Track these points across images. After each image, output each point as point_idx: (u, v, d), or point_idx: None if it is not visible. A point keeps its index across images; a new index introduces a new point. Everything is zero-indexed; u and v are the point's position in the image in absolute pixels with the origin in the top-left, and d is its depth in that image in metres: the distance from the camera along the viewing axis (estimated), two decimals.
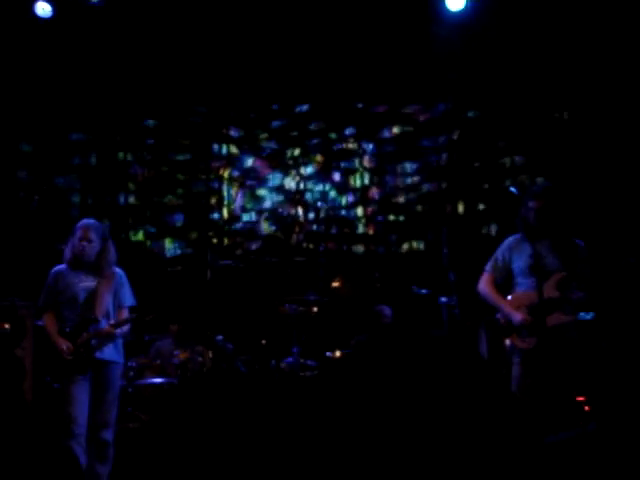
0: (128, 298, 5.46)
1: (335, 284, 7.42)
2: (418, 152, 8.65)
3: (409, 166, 8.68)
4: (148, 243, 8.75)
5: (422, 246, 8.38)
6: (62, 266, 5.39)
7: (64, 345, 5.12)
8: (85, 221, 5.41)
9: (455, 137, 8.43)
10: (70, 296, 5.25)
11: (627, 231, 7.07)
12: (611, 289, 4.97)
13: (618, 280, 4.81)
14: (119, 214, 8.63)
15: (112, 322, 5.28)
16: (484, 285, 5.17)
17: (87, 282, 5.28)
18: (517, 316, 4.87)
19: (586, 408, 5.07)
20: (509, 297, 5.07)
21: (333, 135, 8.80)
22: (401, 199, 8.65)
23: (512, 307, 4.95)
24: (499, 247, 5.20)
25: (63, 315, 5.26)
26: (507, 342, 5.02)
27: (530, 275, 4.91)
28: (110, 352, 5.25)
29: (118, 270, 5.48)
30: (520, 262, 5.01)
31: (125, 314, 5.42)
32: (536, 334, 4.81)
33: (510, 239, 5.15)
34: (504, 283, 5.19)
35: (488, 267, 5.20)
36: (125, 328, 5.37)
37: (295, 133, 8.83)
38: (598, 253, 5.02)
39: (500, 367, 5.35)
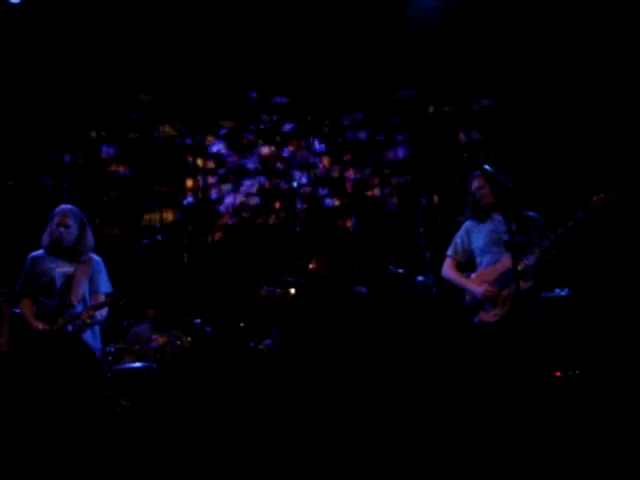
0: (104, 285, 5.48)
1: (312, 265, 7.43)
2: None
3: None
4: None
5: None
6: (39, 251, 5.40)
7: (41, 326, 5.11)
8: (63, 207, 5.42)
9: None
10: (47, 281, 5.26)
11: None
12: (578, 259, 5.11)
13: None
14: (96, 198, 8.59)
15: (89, 306, 5.29)
16: (447, 269, 5.48)
17: (64, 268, 5.30)
18: (479, 289, 5.09)
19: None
20: (472, 276, 5.26)
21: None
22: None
23: (475, 284, 5.10)
24: (457, 232, 5.46)
25: (39, 300, 5.29)
26: (476, 320, 5.15)
27: (487, 252, 5.11)
28: (86, 338, 5.25)
29: (95, 256, 5.51)
30: (479, 241, 5.26)
31: (101, 300, 5.43)
32: (503, 303, 4.96)
33: (466, 224, 5.39)
34: (467, 265, 5.38)
35: (449, 252, 5.51)
36: (103, 313, 5.38)
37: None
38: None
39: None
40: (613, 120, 7.45)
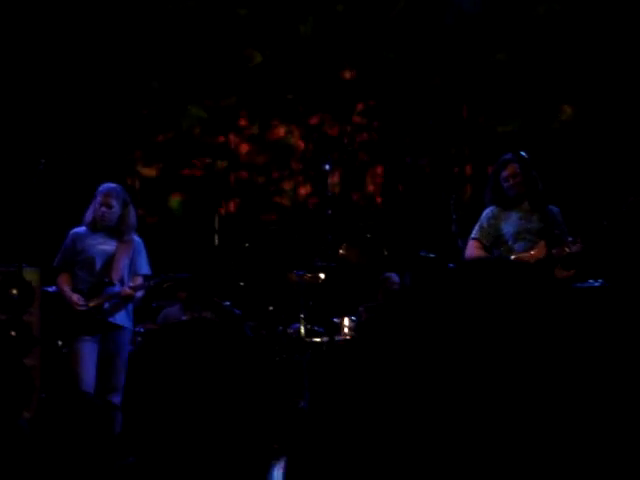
0: (144, 266, 5.47)
1: (342, 251, 7.39)
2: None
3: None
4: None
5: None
6: (81, 228, 5.41)
7: (77, 298, 5.15)
8: (106, 186, 5.41)
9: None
10: (87, 258, 5.27)
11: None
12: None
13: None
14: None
15: (130, 284, 5.29)
16: (475, 250, 5.16)
17: (106, 245, 5.30)
18: None
19: None
20: None
21: None
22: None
23: None
24: (481, 216, 5.21)
25: (78, 276, 5.29)
26: None
27: (520, 239, 4.95)
28: (121, 317, 5.28)
29: (137, 237, 5.51)
30: (509, 227, 5.04)
31: (140, 281, 5.45)
32: None
33: (489, 209, 5.16)
34: (489, 249, 5.18)
35: (474, 234, 5.20)
36: (139, 294, 5.39)
37: None
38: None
39: None
40: None
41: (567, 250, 4.78)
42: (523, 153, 5.04)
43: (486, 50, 8.24)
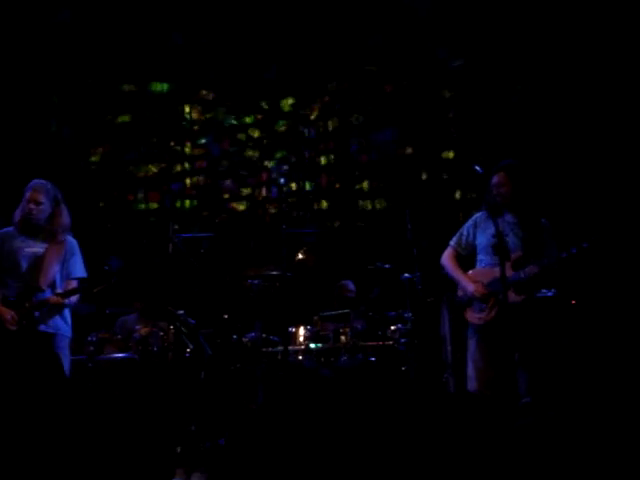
0: (78, 269, 5.14)
1: (300, 255, 7.37)
2: None
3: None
4: None
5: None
6: (9, 228, 5.05)
7: (7, 315, 4.79)
8: (35, 181, 5.06)
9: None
10: (14, 261, 4.93)
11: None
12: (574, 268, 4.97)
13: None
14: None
15: (59, 291, 4.97)
16: (447, 258, 5.25)
17: (34, 248, 4.97)
18: (471, 286, 4.94)
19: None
20: (469, 272, 5.12)
21: None
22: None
23: (469, 280, 5.00)
24: (465, 223, 5.25)
25: (6, 282, 4.93)
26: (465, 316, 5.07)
27: (491, 253, 4.93)
28: (55, 324, 4.98)
29: (70, 238, 5.15)
30: (483, 239, 5.05)
31: (73, 285, 5.11)
32: (490, 309, 4.84)
33: (476, 215, 5.21)
34: (468, 259, 5.23)
35: (453, 242, 5.27)
36: (73, 299, 5.06)
37: None
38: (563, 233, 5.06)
39: (462, 344, 5.39)
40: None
41: (522, 275, 4.78)
42: (512, 162, 5.05)
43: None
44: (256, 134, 8.73)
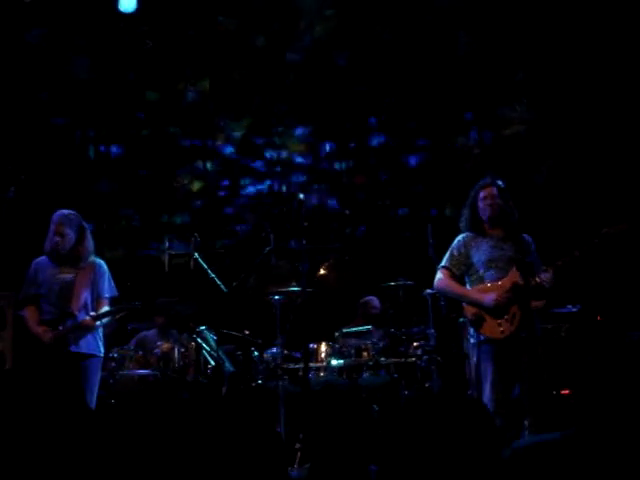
0: (107, 289, 5.36)
1: (322, 271, 7.33)
2: None
3: None
4: None
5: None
6: (42, 258, 5.33)
7: (44, 332, 5.08)
8: (58, 213, 5.30)
9: None
10: (47, 289, 5.19)
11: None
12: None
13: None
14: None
15: (92, 314, 5.20)
16: (445, 280, 5.09)
17: (64, 275, 5.22)
18: (488, 296, 4.80)
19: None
20: (474, 288, 5.00)
21: None
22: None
23: (480, 294, 4.89)
24: (451, 245, 5.16)
25: (42, 308, 5.20)
26: (480, 337, 4.88)
27: (491, 267, 4.88)
28: (87, 345, 5.18)
29: (97, 260, 5.39)
30: (480, 255, 4.97)
31: (105, 305, 5.34)
32: (511, 317, 4.77)
33: (461, 237, 5.12)
34: (460, 278, 5.11)
35: (444, 262, 5.14)
36: (105, 320, 5.31)
37: None
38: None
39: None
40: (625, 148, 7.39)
41: (538, 280, 4.74)
42: (500, 182, 5.06)
43: None
44: None
